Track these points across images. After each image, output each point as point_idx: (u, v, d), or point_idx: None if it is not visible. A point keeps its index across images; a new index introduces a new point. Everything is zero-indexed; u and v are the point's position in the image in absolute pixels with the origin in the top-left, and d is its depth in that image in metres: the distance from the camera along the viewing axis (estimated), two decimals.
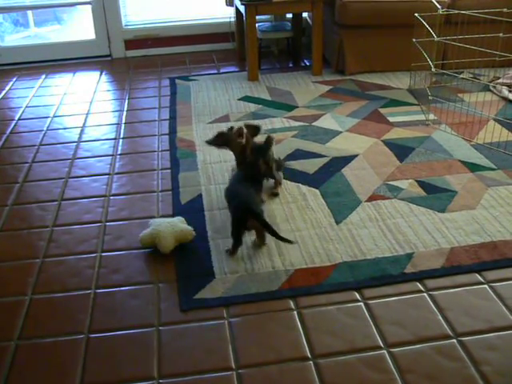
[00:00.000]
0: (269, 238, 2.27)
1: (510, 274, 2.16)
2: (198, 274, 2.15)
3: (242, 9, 3.98)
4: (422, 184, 2.73)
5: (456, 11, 3.57)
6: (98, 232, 2.47)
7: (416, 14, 3.53)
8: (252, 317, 1.96)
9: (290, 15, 4.62)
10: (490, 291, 2.07)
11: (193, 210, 2.55)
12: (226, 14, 4.76)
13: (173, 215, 2.53)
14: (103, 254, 2.32)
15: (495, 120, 3.39)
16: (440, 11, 3.39)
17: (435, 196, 2.64)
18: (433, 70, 3.39)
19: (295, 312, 1.98)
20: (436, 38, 3.32)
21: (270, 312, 1.98)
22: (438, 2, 3.55)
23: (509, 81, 3.82)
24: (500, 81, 3.88)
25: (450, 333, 1.89)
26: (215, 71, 4.38)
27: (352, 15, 3.97)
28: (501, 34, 3.58)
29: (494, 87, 3.84)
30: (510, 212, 2.52)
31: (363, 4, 3.97)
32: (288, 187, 2.72)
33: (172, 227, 2.30)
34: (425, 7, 3.63)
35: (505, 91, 3.75)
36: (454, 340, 1.86)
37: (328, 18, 4.15)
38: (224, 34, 4.86)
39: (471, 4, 3.98)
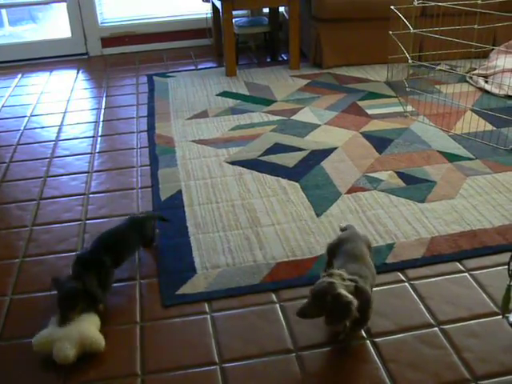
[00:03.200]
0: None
1: (490, 262, 2.18)
2: (180, 269, 2.14)
3: (218, 4, 3.97)
4: (401, 175, 2.75)
5: (431, 3, 3.59)
6: (78, 230, 2.44)
7: (392, 7, 3.54)
8: (234, 311, 1.96)
9: (266, 10, 4.61)
10: (470, 279, 2.09)
11: (173, 206, 2.54)
12: (203, 10, 4.74)
13: (153, 211, 2.52)
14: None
15: (472, 110, 3.41)
16: (415, 3, 3.41)
17: (415, 187, 2.65)
18: (410, 61, 3.40)
19: (277, 305, 1.98)
20: (412, 30, 3.34)
21: (252, 306, 1.97)
22: None
23: (485, 71, 3.85)
24: (476, 72, 3.91)
25: (432, 321, 1.90)
26: (193, 67, 4.37)
27: (329, 9, 3.97)
28: (476, 26, 3.60)
29: (471, 78, 3.87)
30: (489, 201, 2.54)
31: None
32: (268, 181, 2.72)
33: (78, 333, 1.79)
34: (400, 0, 3.64)
35: (481, 82, 3.78)
36: (436, 328, 1.87)
37: (305, 11, 4.15)
38: (201, 30, 4.84)
39: None
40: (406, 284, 2.07)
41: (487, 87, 3.71)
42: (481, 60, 4.07)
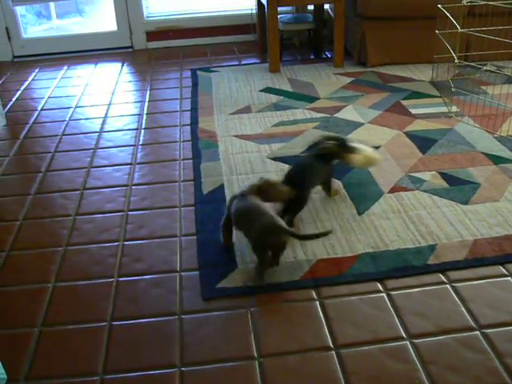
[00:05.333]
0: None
1: None
2: (221, 263, 2.15)
3: (263, 0, 3.97)
4: (444, 176, 2.71)
5: (481, 2, 3.53)
6: (120, 221, 2.48)
7: (439, 6, 3.49)
8: (274, 306, 1.96)
9: (311, 7, 4.60)
10: None
11: (215, 200, 2.55)
12: (248, 6, 4.75)
13: (194, 205, 2.54)
14: (125, 242, 2.34)
15: None
16: (464, 2, 3.35)
17: (458, 188, 2.62)
18: (456, 61, 3.35)
19: (317, 302, 1.97)
20: (459, 30, 3.28)
21: (292, 302, 1.97)
22: None
23: None
24: None
25: (473, 324, 1.87)
26: (237, 63, 4.38)
27: (374, 7, 3.94)
28: None
29: None
30: None
31: None
32: None
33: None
34: None
35: None
36: (477, 332, 1.84)
37: (350, 9, 4.13)
38: (245, 26, 4.86)
39: None
40: (448, 286, 2.04)
41: None
42: None
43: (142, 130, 3.33)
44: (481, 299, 1.98)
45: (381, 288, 2.03)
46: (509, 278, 2.08)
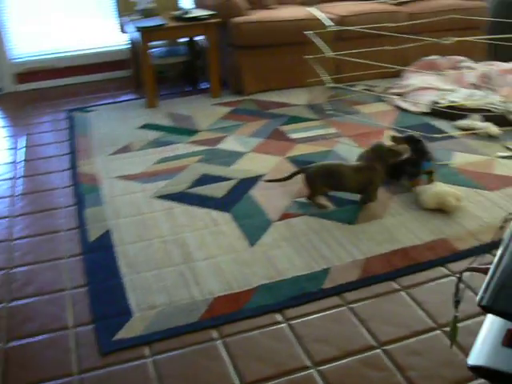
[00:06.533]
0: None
1: (423, 278, 2.22)
2: (115, 313, 2.06)
3: (136, 35, 3.93)
4: (330, 198, 2.78)
5: (344, 27, 3.68)
6: (3, 280, 2.33)
7: (305, 32, 3.61)
8: (176, 352, 1.90)
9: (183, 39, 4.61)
10: (406, 297, 2.12)
11: (102, 247, 2.46)
12: (120, 42, 4.68)
13: (81, 254, 2.43)
14: (11, 304, 2.19)
15: (392, 129, 3.50)
16: (329, 28, 3.48)
17: (344, 209, 2.69)
18: (328, 84, 3.47)
19: (219, 341, 1.94)
20: (327, 54, 3.40)
21: (193, 345, 1.92)
22: (328, 19, 3.64)
23: (400, 90, 3.98)
24: (393, 91, 4.03)
25: (374, 343, 1.91)
26: (113, 100, 4.29)
27: (246, 36, 4.01)
28: (388, 47, 3.73)
29: (387, 97, 3.98)
30: (416, 217, 2.60)
31: (256, 24, 4.02)
32: (198, 213, 2.68)
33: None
34: (315, 25, 3.72)
35: (398, 101, 3.89)
36: (379, 350, 1.88)
37: (222, 39, 4.17)
38: (119, 62, 4.78)
39: (358, 20, 4.12)
40: (345, 308, 2.07)
41: (404, 105, 3.82)
42: (395, 79, 4.21)
43: (19, 179, 3.17)
44: (378, 317, 2.02)
45: (280, 319, 2.03)
46: (402, 293, 2.15)
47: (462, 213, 2.64)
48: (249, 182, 2.95)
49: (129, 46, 4.48)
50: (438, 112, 3.53)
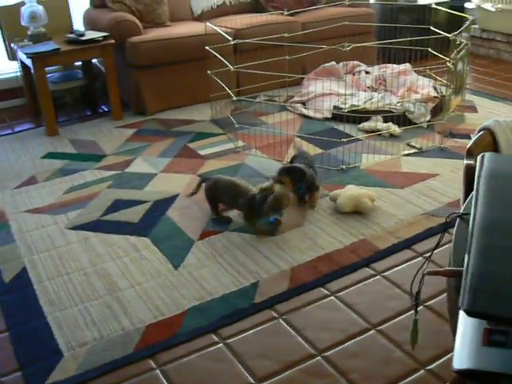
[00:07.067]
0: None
1: (350, 281, 2.26)
2: (43, 356, 1.95)
3: (28, 62, 3.77)
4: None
5: (247, 40, 3.71)
6: None
7: (207, 47, 3.60)
8: None
9: (78, 62, 4.47)
10: (337, 301, 2.15)
11: (20, 287, 2.31)
12: (11, 69, 4.46)
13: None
14: None
15: (299, 137, 3.56)
16: (232, 42, 3.49)
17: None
18: (234, 98, 3.47)
19: (157, 371, 1.87)
20: (232, 68, 3.41)
21: (131, 378, 1.85)
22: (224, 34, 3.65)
23: (302, 98, 4.05)
24: (295, 99, 4.10)
25: (313, 351, 1.91)
26: (10, 131, 4.07)
27: (144, 55, 3.95)
28: (287, 57, 3.79)
29: (291, 106, 4.04)
30: (334, 221, 2.65)
31: (154, 43, 3.97)
32: (116, 241, 2.59)
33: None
34: (213, 39, 3.72)
35: (301, 109, 3.96)
36: (319, 357, 1.89)
37: (120, 60, 4.08)
38: (12, 90, 4.55)
39: (254, 32, 4.17)
40: (280, 320, 2.07)
41: (308, 113, 3.89)
42: (296, 87, 4.28)
43: None
44: (313, 325, 2.03)
45: (216, 339, 2.00)
46: (332, 298, 2.17)
47: (377, 212, 2.72)
48: (164, 204, 2.89)
49: (20, 73, 4.29)
50: (340, 116, 3.61)
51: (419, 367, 1.84)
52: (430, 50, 3.74)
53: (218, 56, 3.53)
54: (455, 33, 3.20)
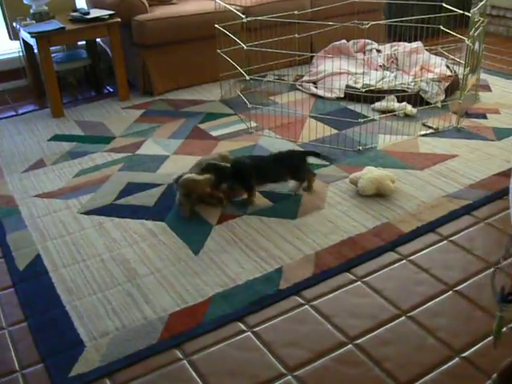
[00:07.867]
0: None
1: (376, 266, 2.20)
2: (65, 347, 1.88)
3: (31, 41, 3.66)
4: (266, 194, 2.70)
5: (260, 18, 3.61)
6: None
7: (217, 25, 3.50)
8: (141, 379, 1.76)
9: (82, 42, 4.36)
10: (364, 287, 2.09)
11: (35, 275, 2.24)
12: (12, 49, 4.34)
13: (13, 285, 2.22)
14: None
15: (312, 117, 3.48)
16: (244, 19, 3.38)
17: (282, 204, 2.63)
18: (247, 77, 3.38)
19: (185, 361, 1.81)
20: (245, 47, 3.31)
21: (158, 369, 1.79)
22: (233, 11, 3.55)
23: (313, 77, 3.95)
24: (305, 78, 4.00)
25: (344, 339, 1.86)
26: (13, 113, 3.97)
27: (151, 34, 3.84)
28: (296, 35, 3.70)
29: (301, 85, 3.95)
30: (355, 204, 2.58)
31: (161, 21, 3.86)
32: (132, 226, 2.52)
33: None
34: (221, 17, 3.62)
35: (312, 88, 3.87)
36: (351, 345, 1.83)
37: (126, 39, 3.97)
38: (14, 71, 4.43)
39: (263, 9, 4.06)
40: (307, 306, 2.01)
41: (319, 92, 3.80)
42: (305, 66, 4.19)
43: None
44: (341, 311, 1.98)
45: (244, 327, 1.94)
46: (358, 283, 2.11)
47: (398, 195, 2.65)
48: None
49: (22, 53, 4.17)
50: (352, 96, 3.53)
51: (453, 355, 1.79)
52: (441, 27, 3.65)
53: (230, 35, 3.43)
54: (474, 9, 3.10)
